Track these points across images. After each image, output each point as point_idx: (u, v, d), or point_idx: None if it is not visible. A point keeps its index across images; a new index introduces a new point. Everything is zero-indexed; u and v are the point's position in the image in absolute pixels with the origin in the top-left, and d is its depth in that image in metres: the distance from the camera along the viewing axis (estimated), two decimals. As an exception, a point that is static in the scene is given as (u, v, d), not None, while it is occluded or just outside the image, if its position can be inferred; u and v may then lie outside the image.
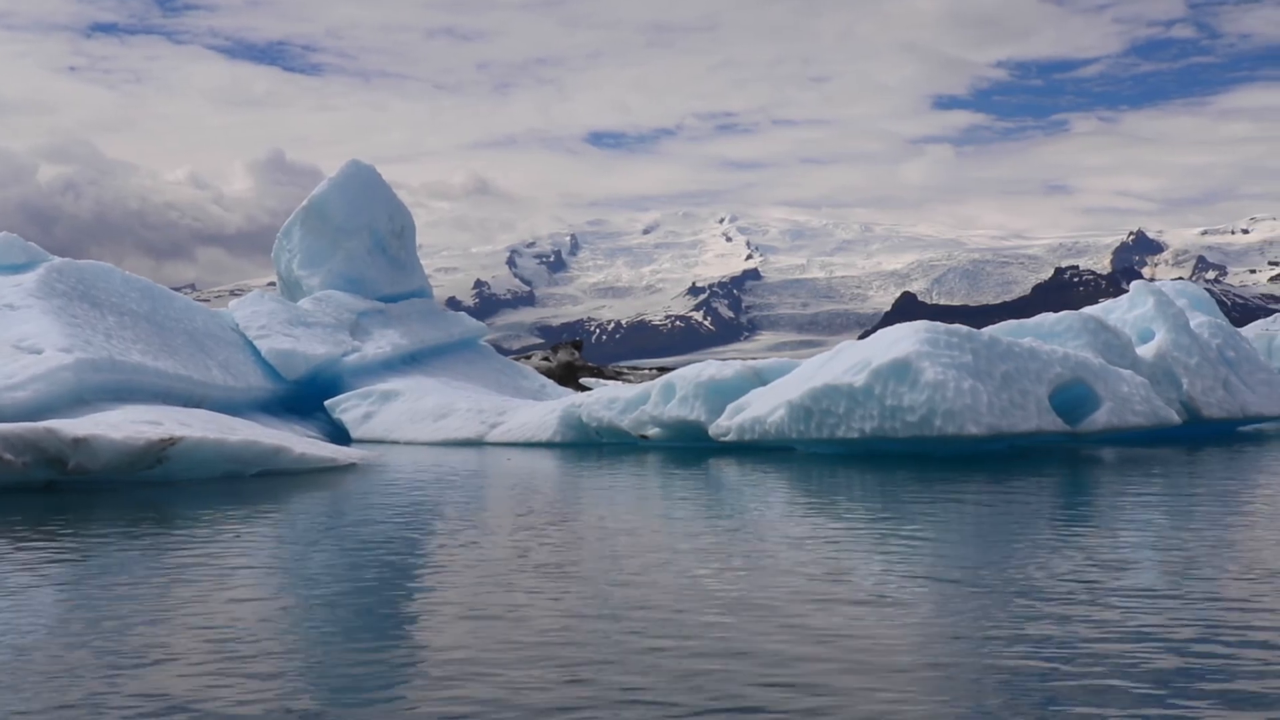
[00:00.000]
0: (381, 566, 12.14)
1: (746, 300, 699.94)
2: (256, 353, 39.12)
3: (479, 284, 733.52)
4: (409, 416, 36.65)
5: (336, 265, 45.30)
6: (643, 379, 57.86)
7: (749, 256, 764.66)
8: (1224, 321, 35.90)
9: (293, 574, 11.97)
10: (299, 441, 25.39)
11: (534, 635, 8.70)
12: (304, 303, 43.46)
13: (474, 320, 49.08)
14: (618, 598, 10.06)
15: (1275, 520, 15.14)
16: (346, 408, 38.33)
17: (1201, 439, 30.49)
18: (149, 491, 19.60)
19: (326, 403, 38.97)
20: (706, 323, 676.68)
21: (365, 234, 46.00)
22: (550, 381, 47.95)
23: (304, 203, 46.22)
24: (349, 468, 24.49)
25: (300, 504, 18.81)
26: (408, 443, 34.57)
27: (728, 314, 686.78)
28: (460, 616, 9.44)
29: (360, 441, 34.92)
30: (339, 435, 36.44)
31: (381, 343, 42.48)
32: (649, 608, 9.59)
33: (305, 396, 39.67)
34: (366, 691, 7.40)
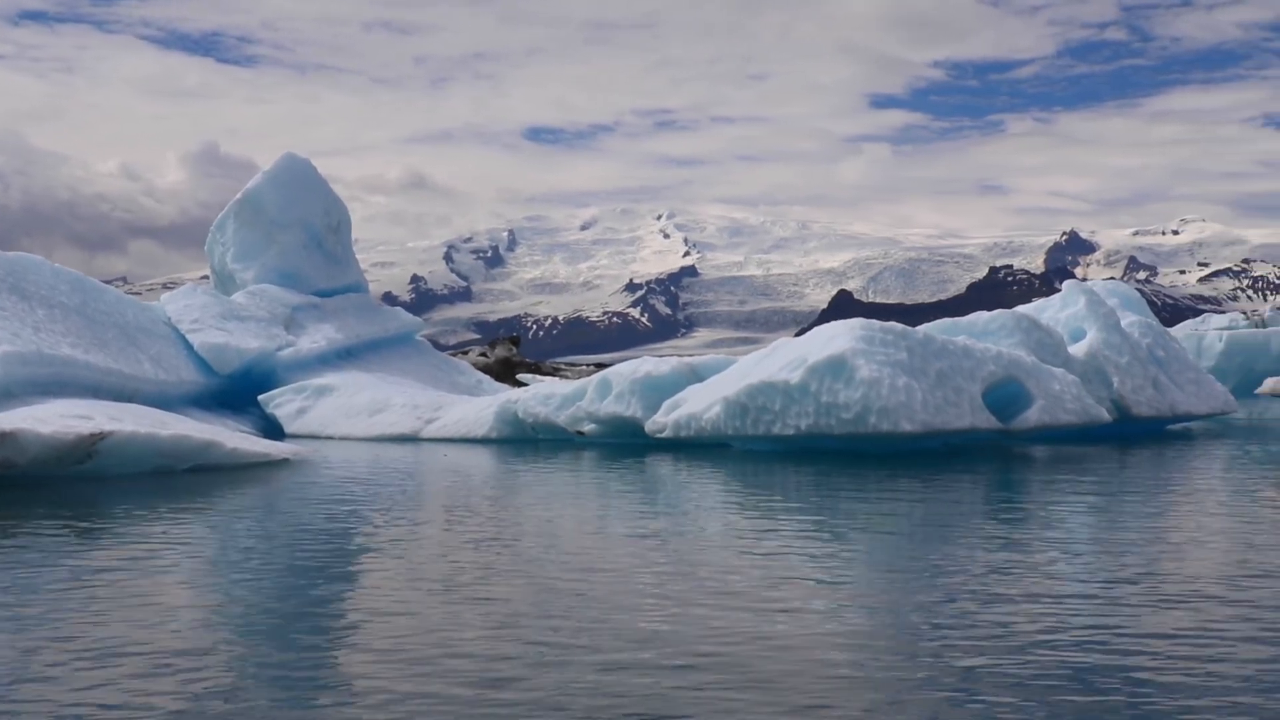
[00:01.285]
0: (312, 564, 12.06)
1: (684, 297, 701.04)
2: (189, 347, 38.73)
3: (415, 279, 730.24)
4: (344, 412, 36.41)
5: (271, 259, 44.94)
6: (580, 375, 57.78)
7: (686, 253, 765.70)
8: (1154, 321, 36.33)
9: (222, 572, 11.85)
10: (231, 436, 25.18)
11: (460, 635, 8.67)
12: (238, 296, 43.09)
13: (410, 315, 48.82)
14: (547, 598, 10.05)
15: (1202, 519, 15.33)
16: (280, 403, 38.04)
17: (1131, 437, 30.83)
18: (78, 487, 19.36)
19: (260, 397, 38.65)
20: (644, 319, 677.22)
21: (300, 228, 45.65)
22: (487, 377, 47.82)
23: (238, 196, 45.79)
24: (282, 463, 24.30)
25: (232, 500, 18.64)
26: (342, 438, 34.36)
27: (665, 311, 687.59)
28: (389, 615, 9.39)
29: (294, 437, 34.66)
30: (272, 430, 36.15)
31: (316, 337, 42.18)
32: (577, 608, 9.59)
33: (239, 391, 39.32)
34: (292, 691, 7.34)
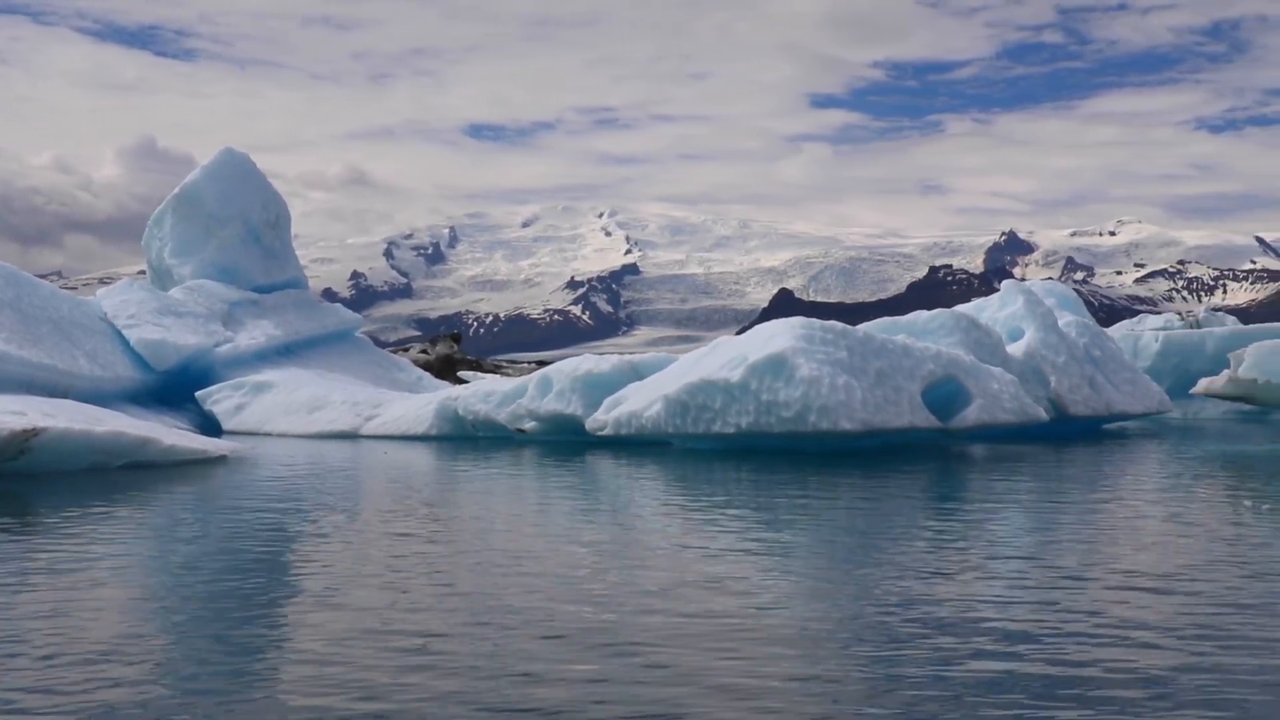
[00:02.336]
0: (246, 563, 11.96)
1: (625, 295, 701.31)
2: (125, 343, 38.35)
3: (355, 275, 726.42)
4: (282, 408, 36.19)
5: (209, 254, 44.59)
6: (522, 373, 57.69)
7: (628, 251, 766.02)
8: (1091, 321, 36.67)
9: (154, 571, 11.73)
10: (168, 433, 24.95)
11: (394, 636, 8.62)
12: (175, 292, 42.72)
13: (350, 312, 48.59)
14: (484, 600, 10.01)
15: (1134, 518, 15.48)
16: (218, 399, 37.76)
17: (1068, 436, 31.10)
18: (11, 484, 19.11)
19: (198, 394, 38.36)
20: (585, 317, 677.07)
21: (239, 223, 45.31)
22: (427, 374, 47.67)
23: (176, 190, 45.42)
24: (220, 460, 24.10)
25: (167, 498, 18.47)
26: (281, 435, 34.14)
27: (606, 309, 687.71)
28: (323, 616, 9.32)
29: (232, 434, 34.42)
30: (210, 427, 35.87)
31: (255, 333, 41.89)
32: (513, 610, 9.56)
33: (176, 388, 39.00)
34: (223, 691, 7.28)
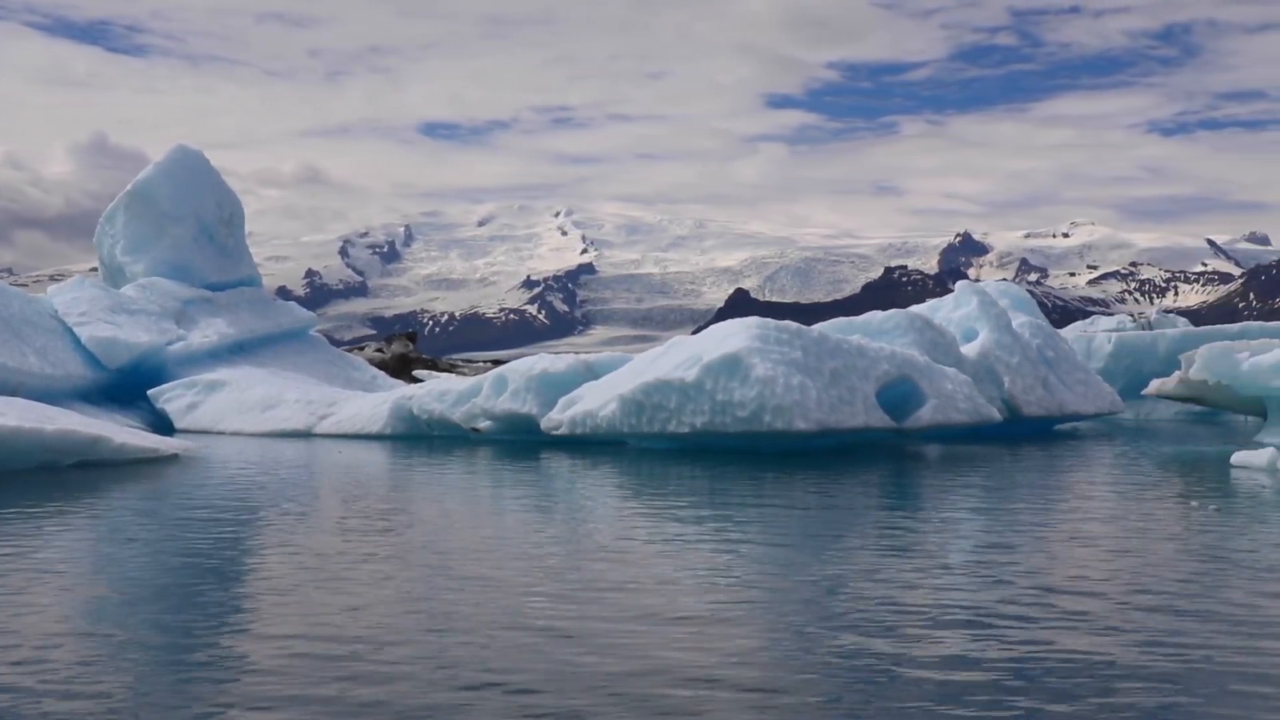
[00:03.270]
0: (196, 562, 11.87)
1: (581, 294, 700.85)
2: (77, 340, 38.02)
3: (310, 273, 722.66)
4: (236, 407, 35.96)
5: (162, 252, 44.24)
6: (478, 372, 57.52)
7: (584, 250, 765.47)
8: (1044, 322, 36.91)
9: (103, 569, 11.63)
10: (119, 431, 24.74)
11: (340, 638, 8.58)
12: (127, 290, 42.37)
13: (304, 310, 48.34)
14: (429, 603, 9.98)
15: (1083, 519, 15.59)
16: (170, 397, 37.49)
17: (1021, 436, 31.27)
18: (-41, 482, 18.91)
19: (150, 392, 38.07)
20: (541, 316, 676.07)
21: (192, 220, 44.99)
22: (381, 373, 47.45)
23: (129, 187, 45.04)
24: (171, 459, 23.93)
25: (118, 496, 18.31)
26: (234, 434, 33.93)
27: (562, 308, 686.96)
28: (268, 617, 9.27)
29: (184, 432, 34.18)
30: (162, 426, 35.60)
31: (208, 331, 41.60)
32: (464, 615, 9.54)
33: (127, 386, 38.68)
34: (168, 692, 7.22)
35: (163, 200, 44.48)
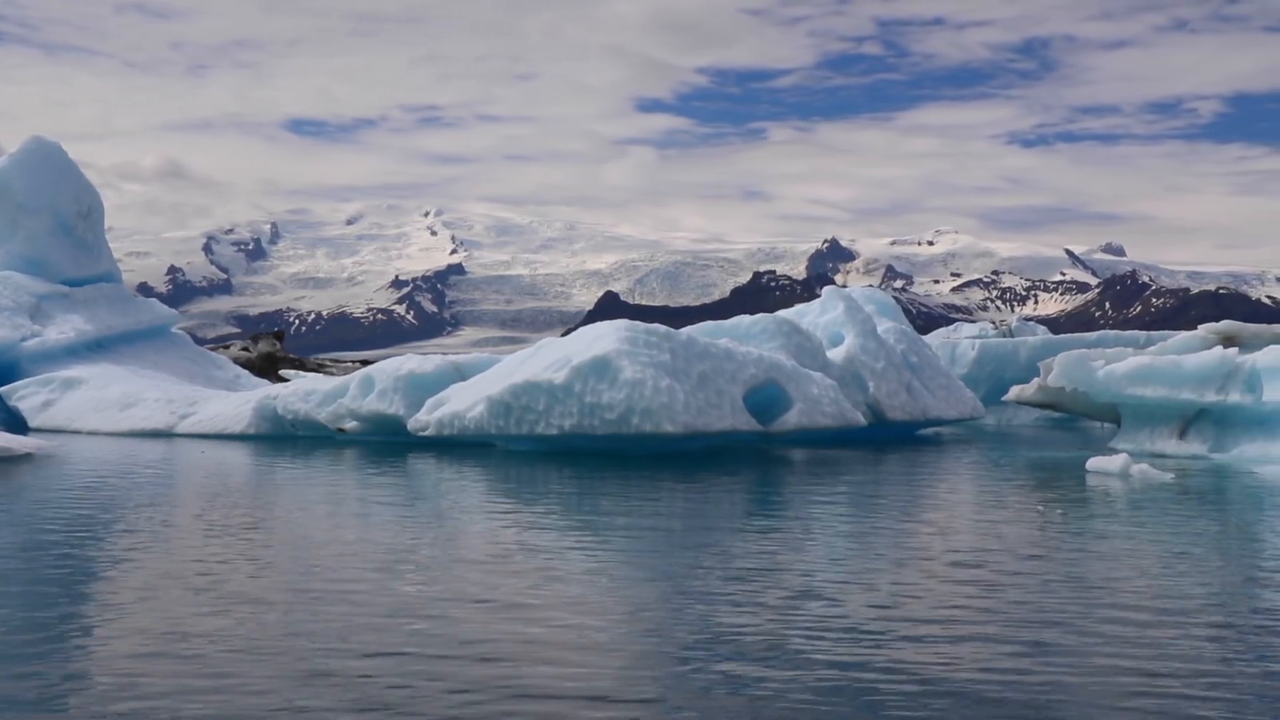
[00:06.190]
0: (44, 565, 11.54)
1: (450, 295, 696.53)
2: (-75, 335, 36.89)
3: (173, 270, 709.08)
4: (93, 405, 35.16)
5: (16, 246, 43.07)
6: (346, 372, 56.86)
7: (454, 251, 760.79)
8: (909, 328, 37.42)
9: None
10: (-31, 430, 24.04)
11: (191, 645, 8.40)
12: (-20, 284, 41.19)
13: (165, 307, 47.40)
14: (292, 609, 9.82)
15: (938, 520, 15.82)
16: (24, 395, 36.56)
17: (885, 440, 31.66)
18: None
19: (2, 389, 37.11)
20: (409, 316, 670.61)
21: (48, 214, 43.85)
22: (245, 372, 46.71)
23: (-19, 178, 43.75)
24: (25, 458, 23.32)
25: (-32, 496, 17.76)
26: (91, 433, 33.17)
27: (431, 308, 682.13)
28: (121, 626, 9.04)
29: (39, 431, 33.34)
30: (15, 424, 34.70)
31: (64, 328, 40.63)
32: (326, 620, 9.40)
33: (-21, 383, 37.64)
34: (13, 703, 7.00)
35: (18, 192, 43.30)
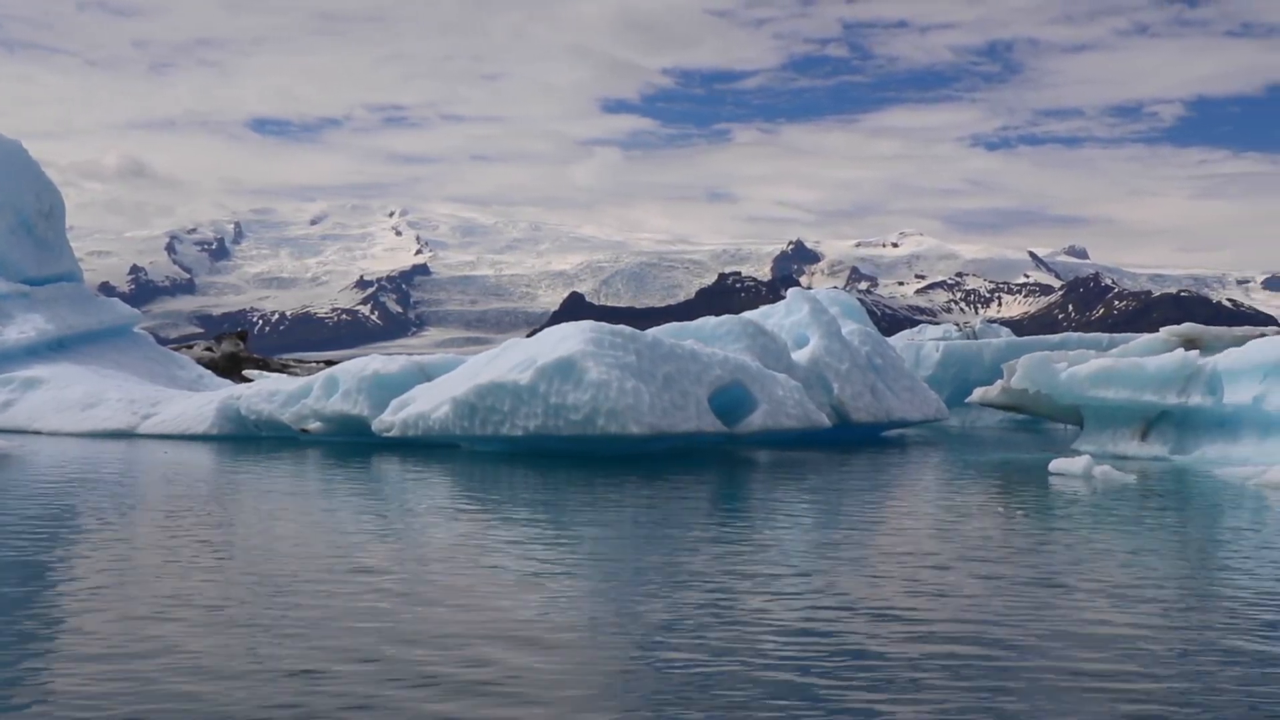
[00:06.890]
0: (2, 570, 11.46)
1: (415, 295, 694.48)
2: (-116, 334, 36.54)
3: (135, 270, 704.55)
4: (54, 405, 34.91)
5: (-23, 244, 42.73)
6: (310, 372, 56.64)
7: (419, 251, 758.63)
8: (873, 330, 37.57)
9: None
10: (-71, 430, 23.83)
11: (159, 648, 8.35)
12: (-60, 283, 40.85)
13: (127, 307, 47.11)
14: (253, 613, 9.78)
15: (900, 522, 15.88)
16: (-16, 395, 36.24)
17: (849, 442, 31.76)
18: None
19: (-38, 390, 36.76)
20: (374, 317, 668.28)
21: (9, 212, 43.53)
22: (208, 372, 46.48)
23: (-59, 177, 43.38)
24: (-16, 459, 23.10)
25: (-73, 497, 17.60)
26: (51, 433, 32.95)
27: (396, 309, 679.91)
28: (78, 629, 8.98)
29: (-1, 431, 33.07)
30: (-25, 424, 34.40)
31: (25, 327, 40.33)
32: (287, 622, 9.36)
33: (-62, 382, 37.30)
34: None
35: (-22, 191, 42.96)
